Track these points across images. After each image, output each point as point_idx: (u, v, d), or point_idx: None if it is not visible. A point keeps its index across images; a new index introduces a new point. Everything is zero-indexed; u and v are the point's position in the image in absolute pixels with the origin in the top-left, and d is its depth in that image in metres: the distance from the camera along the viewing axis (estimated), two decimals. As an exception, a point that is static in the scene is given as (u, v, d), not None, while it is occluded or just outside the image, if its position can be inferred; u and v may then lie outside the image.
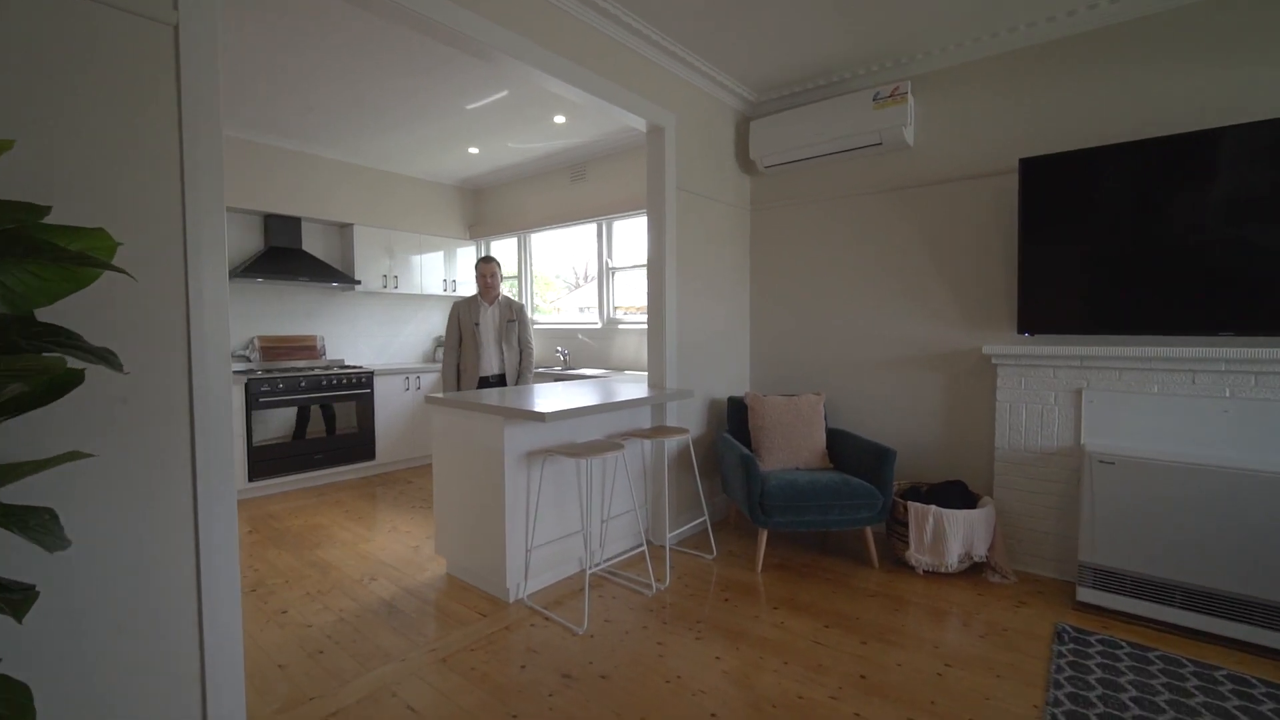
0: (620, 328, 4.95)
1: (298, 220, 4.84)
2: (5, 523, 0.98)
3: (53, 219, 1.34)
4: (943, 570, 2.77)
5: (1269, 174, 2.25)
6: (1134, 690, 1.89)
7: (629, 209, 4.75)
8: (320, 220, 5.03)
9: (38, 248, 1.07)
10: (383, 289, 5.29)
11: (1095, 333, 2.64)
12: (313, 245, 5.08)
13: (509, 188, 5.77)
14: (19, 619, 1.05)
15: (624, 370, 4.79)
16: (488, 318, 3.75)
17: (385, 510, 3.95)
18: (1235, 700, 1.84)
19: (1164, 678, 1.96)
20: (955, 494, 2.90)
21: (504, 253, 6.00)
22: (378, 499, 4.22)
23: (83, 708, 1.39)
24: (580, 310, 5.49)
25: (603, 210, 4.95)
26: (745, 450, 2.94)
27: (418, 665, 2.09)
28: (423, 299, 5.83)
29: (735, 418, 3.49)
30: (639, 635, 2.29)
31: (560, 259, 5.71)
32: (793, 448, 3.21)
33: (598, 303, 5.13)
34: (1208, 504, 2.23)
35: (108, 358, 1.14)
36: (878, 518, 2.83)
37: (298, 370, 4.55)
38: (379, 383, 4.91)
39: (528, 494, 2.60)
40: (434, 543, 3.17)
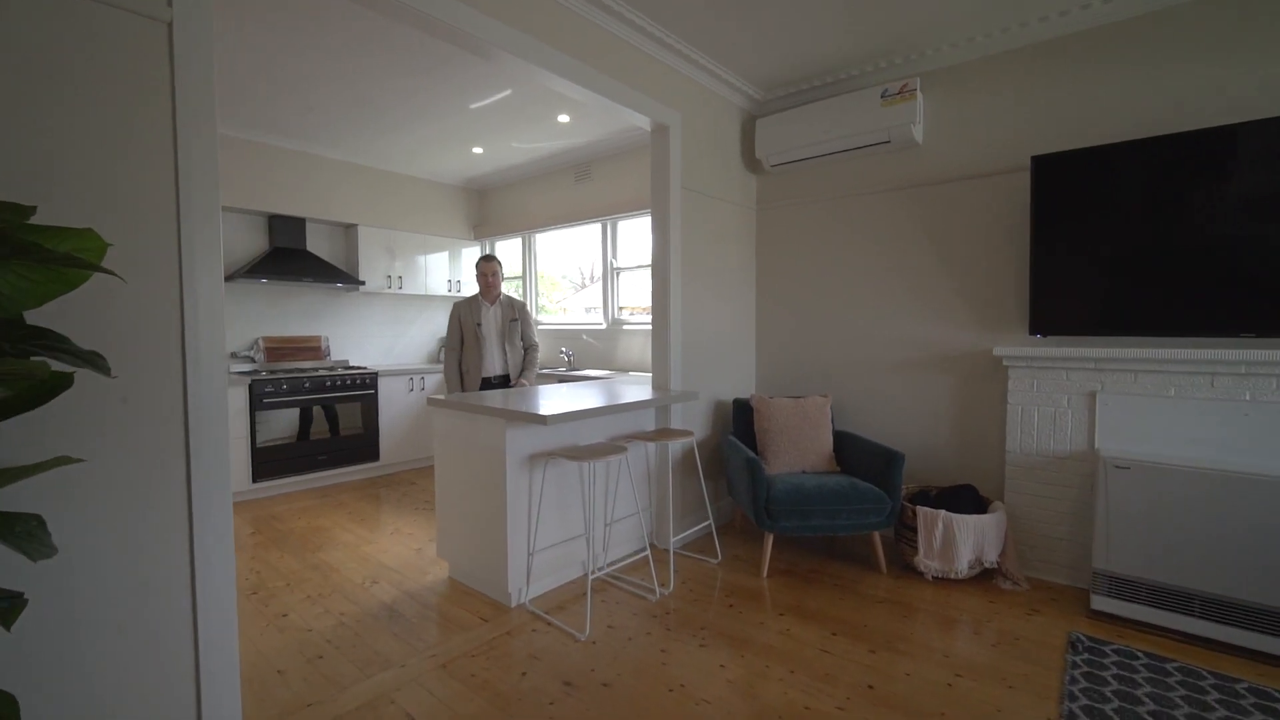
0: (625, 328, 4.91)
1: (302, 221, 4.83)
2: (-13, 531, 0.96)
3: (45, 219, 1.32)
4: (953, 576, 2.71)
5: (1291, 171, 2.19)
6: (1151, 703, 1.83)
7: (634, 209, 4.71)
8: (324, 221, 5.03)
9: (24, 249, 1.04)
10: (387, 289, 5.28)
11: (1110, 334, 2.58)
12: (317, 246, 5.07)
13: (513, 188, 5.75)
14: (7, 627, 1.03)
15: (629, 371, 4.75)
16: (489, 318, 3.69)
17: (388, 512, 3.93)
18: (1258, 715, 1.78)
19: (1183, 690, 1.90)
20: (965, 498, 2.85)
21: (508, 253, 5.98)
22: (381, 500, 4.21)
23: (75, 714, 1.37)
24: (586, 310, 5.45)
25: (607, 210, 4.92)
26: (750, 453, 2.90)
27: (417, 671, 2.06)
28: (427, 299, 5.82)
29: (740, 420, 3.44)
30: (642, 642, 2.25)
31: (566, 259, 5.68)
32: (799, 450, 3.16)
33: (602, 303, 5.10)
34: (1227, 510, 2.17)
35: (95, 361, 1.12)
36: (886, 522, 2.78)
37: (302, 371, 4.55)
38: (383, 383, 4.90)
39: (530, 497, 2.57)
40: (436, 546, 3.15)
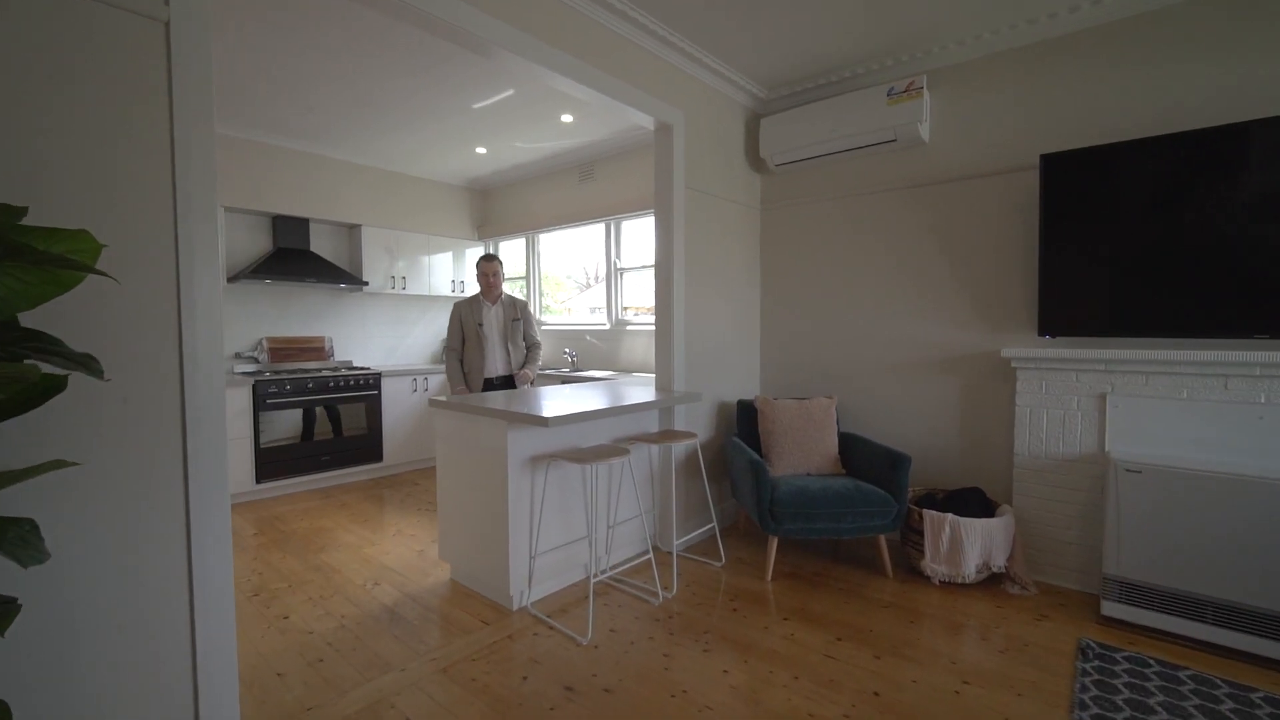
0: (629, 329, 4.89)
1: (305, 221, 4.83)
2: (-23, 537, 0.95)
3: (42, 220, 1.31)
4: (960, 581, 2.68)
5: (1308, 169, 2.14)
6: (1164, 712, 1.80)
7: (638, 209, 4.69)
8: (328, 221, 5.02)
9: (17, 250, 1.03)
10: (391, 290, 5.27)
11: (1120, 335, 2.54)
12: (321, 246, 5.07)
13: (517, 188, 5.73)
14: (0, 633, 1.02)
15: (632, 372, 4.72)
16: (491, 317, 3.66)
17: (391, 513, 3.92)
18: (1274, 725, 1.74)
19: (1196, 699, 1.86)
20: (972, 501, 2.81)
21: (512, 253, 5.97)
22: (384, 501, 4.20)
23: (72, 718, 1.36)
24: (591, 310, 5.44)
25: (611, 210, 4.89)
26: (755, 455, 2.87)
27: (418, 675, 2.05)
28: (431, 300, 5.81)
29: (745, 421, 3.41)
30: (644, 646, 2.23)
31: (570, 259, 5.66)
32: (804, 452, 3.13)
33: (606, 304, 5.08)
34: (1241, 515, 2.13)
35: (88, 364, 1.10)
36: (892, 525, 2.75)
37: (306, 371, 4.54)
38: (387, 384, 4.89)
39: (532, 499, 2.55)
40: (438, 548, 3.13)
